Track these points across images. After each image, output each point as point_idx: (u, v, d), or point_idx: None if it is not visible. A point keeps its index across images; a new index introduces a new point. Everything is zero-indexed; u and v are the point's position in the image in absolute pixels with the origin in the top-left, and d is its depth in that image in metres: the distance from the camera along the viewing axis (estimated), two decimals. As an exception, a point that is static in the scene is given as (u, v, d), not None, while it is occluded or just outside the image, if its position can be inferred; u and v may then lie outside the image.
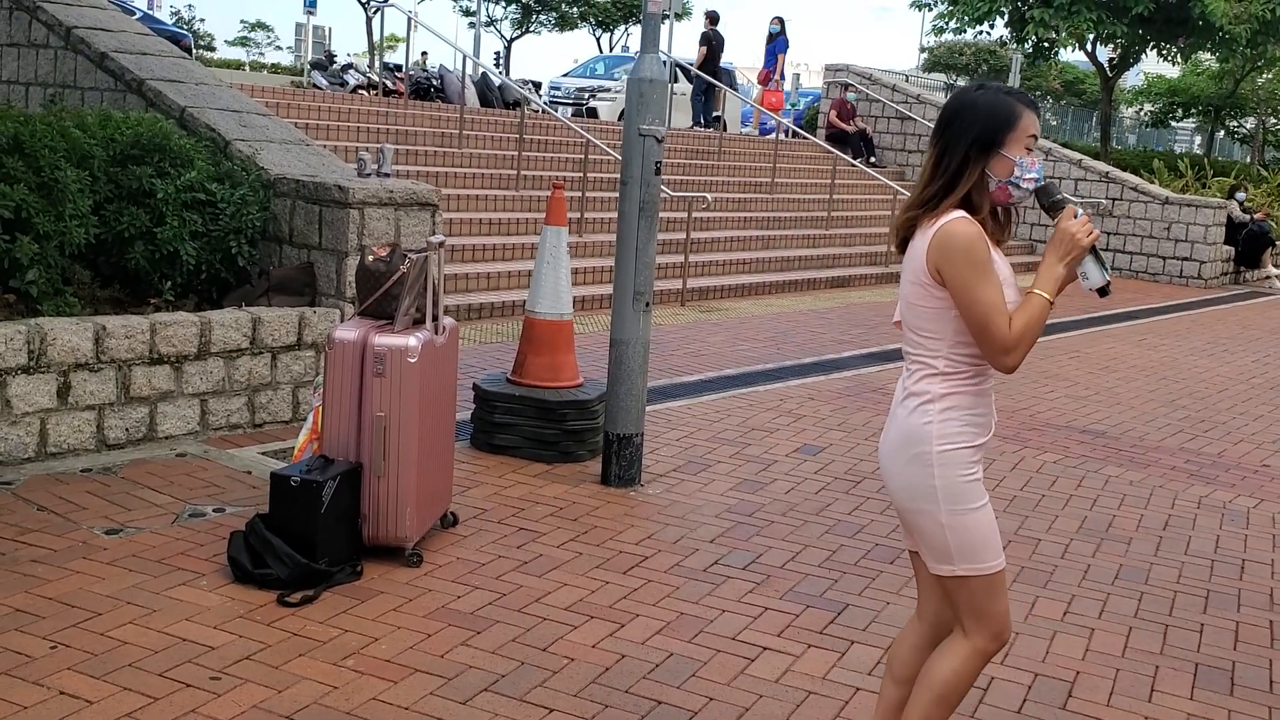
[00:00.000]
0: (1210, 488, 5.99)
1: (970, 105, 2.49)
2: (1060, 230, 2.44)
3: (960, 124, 2.48)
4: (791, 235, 13.37)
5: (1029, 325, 2.40)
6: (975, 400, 2.50)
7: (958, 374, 2.48)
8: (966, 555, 2.51)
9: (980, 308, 2.39)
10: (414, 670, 3.34)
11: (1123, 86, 31.44)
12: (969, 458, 2.50)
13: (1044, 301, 2.42)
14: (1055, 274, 2.44)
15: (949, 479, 2.48)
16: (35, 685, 3.08)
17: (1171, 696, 3.63)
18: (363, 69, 21.77)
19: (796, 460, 5.81)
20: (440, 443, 4.28)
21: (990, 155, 2.45)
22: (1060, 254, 2.44)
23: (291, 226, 5.94)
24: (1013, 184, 2.46)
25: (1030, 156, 2.48)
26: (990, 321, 2.39)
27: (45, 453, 4.77)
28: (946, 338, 2.47)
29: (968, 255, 2.40)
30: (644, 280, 5.05)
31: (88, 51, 7.10)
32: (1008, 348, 2.40)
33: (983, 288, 2.39)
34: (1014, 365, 2.43)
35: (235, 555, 3.83)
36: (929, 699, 2.60)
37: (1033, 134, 2.48)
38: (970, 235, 2.41)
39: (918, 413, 2.50)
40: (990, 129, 2.45)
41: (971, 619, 2.57)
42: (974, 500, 2.50)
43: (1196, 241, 16.00)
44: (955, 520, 2.50)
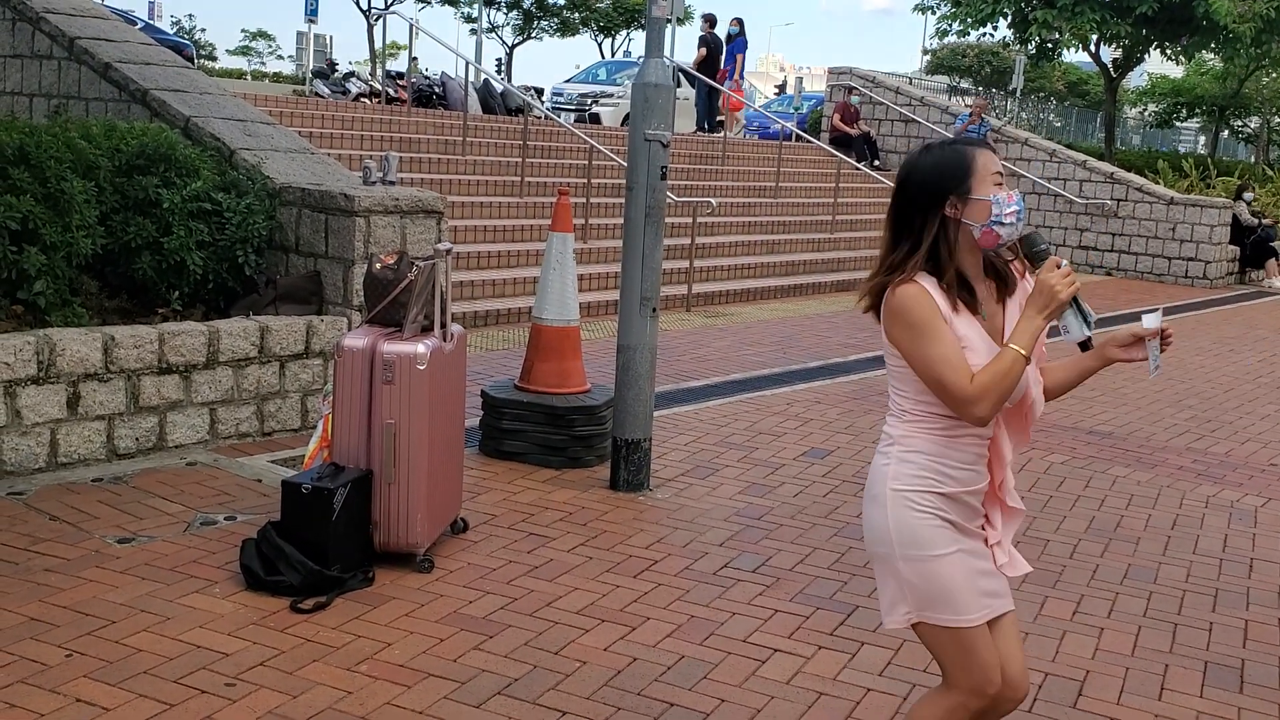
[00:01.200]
0: (1218, 487, 5.99)
1: (920, 166, 2.44)
2: (1040, 282, 2.36)
3: (915, 183, 2.43)
4: (796, 239, 13.39)
5: (995, 378, 2.32)
6: (943, 449, 2.43)
7: (921, 420, 2.44)
8: (928, 604, 2.43)
9: (930, 367, 2.34)
10: (427, 674, 3.36)
11: (1126, 87, 31.42)
12: (929, 503, 2.41)
13: (1016, 355, 2.33)
14: (1033, 327, 2.35)
15: (901, 521, 2.42)
16: (51, 693, 3.10)
17: (1182, 695, 3.64)
18: (365, 77, 21.82)
19: (804, 463, 5.82)
20: (450, 449, 4.30)
21: (962, 204, 2.38)
22: (1039, 305, 2.35)
23: (298, 235, 5.97)
24: (996, 223, 2.38)
25: (1005, 191, 2.40)
26: (943, 377, 2.33)
27: (56, 463, 4.80)
28: (911, 393, 2.45)
29: (906, 317, 2.36)
30: (650, 286, 5.07)
31: (91, 62, 7.13)
32: (969, 400, 2.32)
33: (928, 346, 2.34)
34: (982, 417, 2.34)
35: (247, 563, 3.85)
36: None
37: (996, 171, 2.41)
38: (909, 296, 2.36)
39: (881, 453, 2.50)
40: (952, 178, 2.39)
41: (948, 670, 2.49)
42: (933, 547, 2.41)
43: (1201, 242, 15.99)
44: (910, 566, 2.42)
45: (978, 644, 2.45)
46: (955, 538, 2.45)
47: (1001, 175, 2.44)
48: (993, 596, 2.49)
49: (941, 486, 2.44)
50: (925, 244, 2.40)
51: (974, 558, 2.48)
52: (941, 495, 2.44)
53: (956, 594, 2.43)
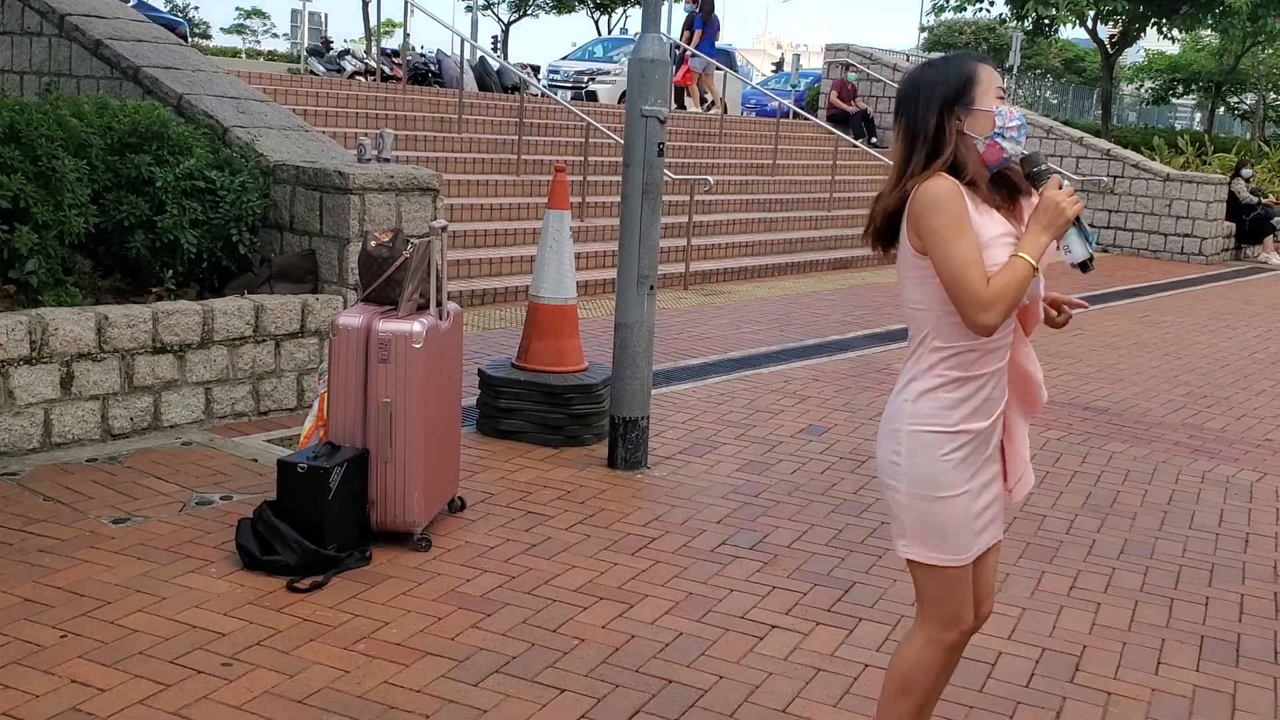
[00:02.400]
0: (1214, 462, 5.99)
1: (924, 78, 2.41)
2: (1045, 199, 2.35)
3: (921, 94, 2.39)
4: (794, 217, 13.35)
5: (1008, 285, 2.30)
6: (963, 384, 2.41)
7: (945, 352, 2.41)
8: (924, 541, 2.46)
9: (953, 262, 2.30)
10: (425, 653, 3.35)
11: (1123, 64, 31.34)
12: (944, 442, 2.41)
13: (1026, 264, 2.32)
14: (1039, 241, 2.34)
15: (916, 460, 2.43)
16: (46, 674, 3.09)
17: (1178, 669, 3.64)
18: (360, 55, 21.69)
19: (802, 441, 5.82)
20: (447, 428, 4.28)
21: (966, 115, 2.36)
22: (1044, 223, 2.34)
23: (292, 213, 5.93)
24: (999, 136, 2.36)
25: (1007, 106, 2.39)
26: (964, 275, 2.29)
27: (50, 443, 4.78)
28: (933, 307, 2.40)
29: (936, 207, 2.31)
30: (648, 263, 5.04)
31: (82, 39, 7.07)
32: (983, 304, 2.29)
33: (955, 243, 2.30)
34: (991, 325, 2.32)
35: (243, 542, 3.84)
36: (892, 690, 2.58)
37: (999, 85, 2.40)
38: (941, 189, 2.32)
39: (900, 390, 2.48)
40: (955, 89, 2.37)
41: (925, 604, 2.53)
42: (943, 488, 2.42)
43: (1197, 218, 15.96)
44: (916, 503, 2.44)
45: (961, 581, 2.50)
46: (967, 476, 2.45)
47: (1003, 91, 2.42)
48: (986, 530, 2.52)
49: (966, 424, 2.42)
50: (946, 151, 2.36)
51: (981, 493, 2.48)
52: (962, 433, 2.43)
53: (955, 535, 2.46)
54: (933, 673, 2.57)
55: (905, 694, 2.57)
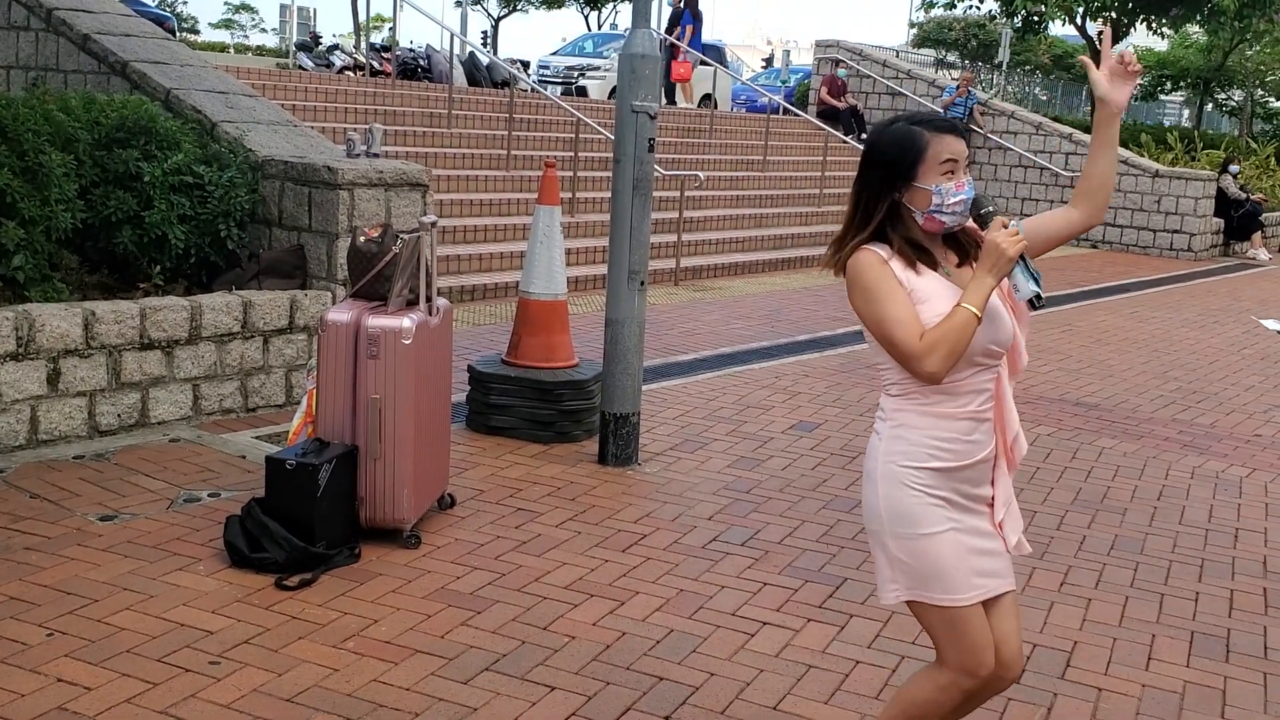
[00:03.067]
0: (1203, 458, 6.01)
1: (879, 143, 2.46)
2: (987, 242, 2.37)
3: (871, 163, 2.46)
4: (784, 213, 13.34)
5: (945, 334, 2.32)
6: (934, 422, 2.42)
7: (909, 395, 2.44)
8: (918, 582, 2.43)
9: (882, 326, 2.37)
10: (414, 651, 3.34)
11: (1112, 60, 31.34)
12: (917, 479, 2.40)
13: (968, 314, 2.33)
14: (984, 285, 2.36)
15: (891, 497, 2.42)
16: (32, 673, 3.06)
17: (1169, 664, 3.65)
18: (349, 50, 21.62)
19: (792, 437, 5.81)
20: (436, 424, 4.26)
21: (906, 190, 2.41)
22: (988, 265, 2.36)
23: (281, 209, 5.90)
24: (935, 211, 2.40)
25: (955, 180, 2.40)
26: (892, 335, 2.36)
27: (37, 440, 4.75)
28: (887, 361, 2.46)
29: (859, 281, 2.40)
30: (639, 259, 5.03)
31: (69, 34, 7.03)
32: (918, 355, 2.33)
33: (879, 307, 2.37)
34: (932, 372, 2.33)
35: (232, 539, 3.82)
36: (896, 714, 2.56)
37: (948, 158, 2.40)
38: (860, 262, 2.41)
39: (875, 430, 2.51)
40: (899, 163, 2.41)
41: (940, 649, 2.48)
42: (923, 525, 2.40)
43: (1186, 214, 16.01)
44: (900, 544, 2.42)
45: (970, 624, 2.43)
46: (949, 516, 2.43)
47: (955, 161, 2.41)
48: (989, 576, 2.46)
49: (934, 462, 2.42)
50: (874, 221, 2.44)
51: (972, 536, 2.46)
52: (934, 471, 2.42)
53: (948, 573, 2.41)
54: (943, 713, 2.53)
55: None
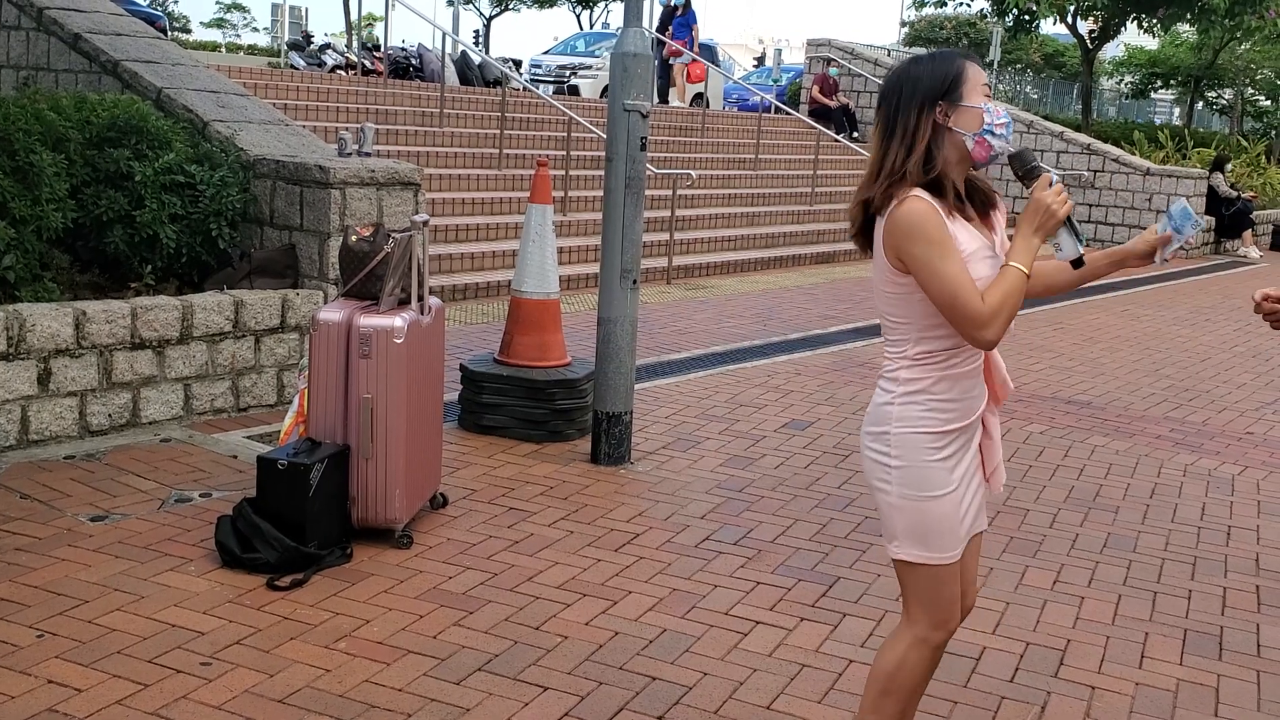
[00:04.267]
0: (1195, 455, 6.02)
1: (909, 73, 2.38)
2: (1035, 200, 2.34)
3: (904, 89, 2.36)
4: (776, 211, 13.34)
5: (1005, 298, 2.30)
6: (948, 384, 2.41)
7: (928, 358, 2.41)
8: (917, 541, 2.45)
9: (945, 285, 2.29)
10: (407, 652, 3.33)
11: (1103, 58, 31.44)
12: (932, 443, 2.41)
13: (1020, 274, 2.32)
14: (1030, 245, 2.33)
15: (907, 462, 2.42)
16: (23, 674, 3.05)
17: (1162, 662, 3.65)
18: (341, 49, 21.56)
19: (785, 435, 5.81)
20: (428, 424, 4.25)
21: (952, 110, 2.33)
22: (1035, 224, 2.33)
23: (272, 208, 5.88)
24: (988, 133, 2.34)
25: (994, 104, 2.37)
26: (958, 297, 2.28)
27: (27, 440, 4.73)
28: (915, 321, 2.40)
29: (918, 234, 2.30)
30: (631, 258, 5.02)
31: (60, 33, 7.00)
32: (982, 322, 2.29)
33: (943, 264, 2.29)
34: (993, 340, 2.32)
35: (223, 540, 3.80)
36: (876, 691, 2.56)
37: (984, 83, 2.38)
38: (921, 212, 2.30)
39: (884, 393, 2.47)
40: (940, 84, 2.34)
41: (914, 605, 2.51)
42: (934, 488, 2.42)
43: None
44: (908, 504, 2.43)
45: (950, 580, 2.49)
46: (956, 476, 2.45)
47: (989, 89, 2.40)
48: (972, 521, 2.52)
49: (952, 424, 2.43)
50: (920, 146, 2.33)
51: (968, 489, 2.49)
52: (951, 432, 2.43)
53: (946, 534, 2.46)
54: (919, 674, 2.55)
55: (889, 695, 2.55)
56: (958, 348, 2.41)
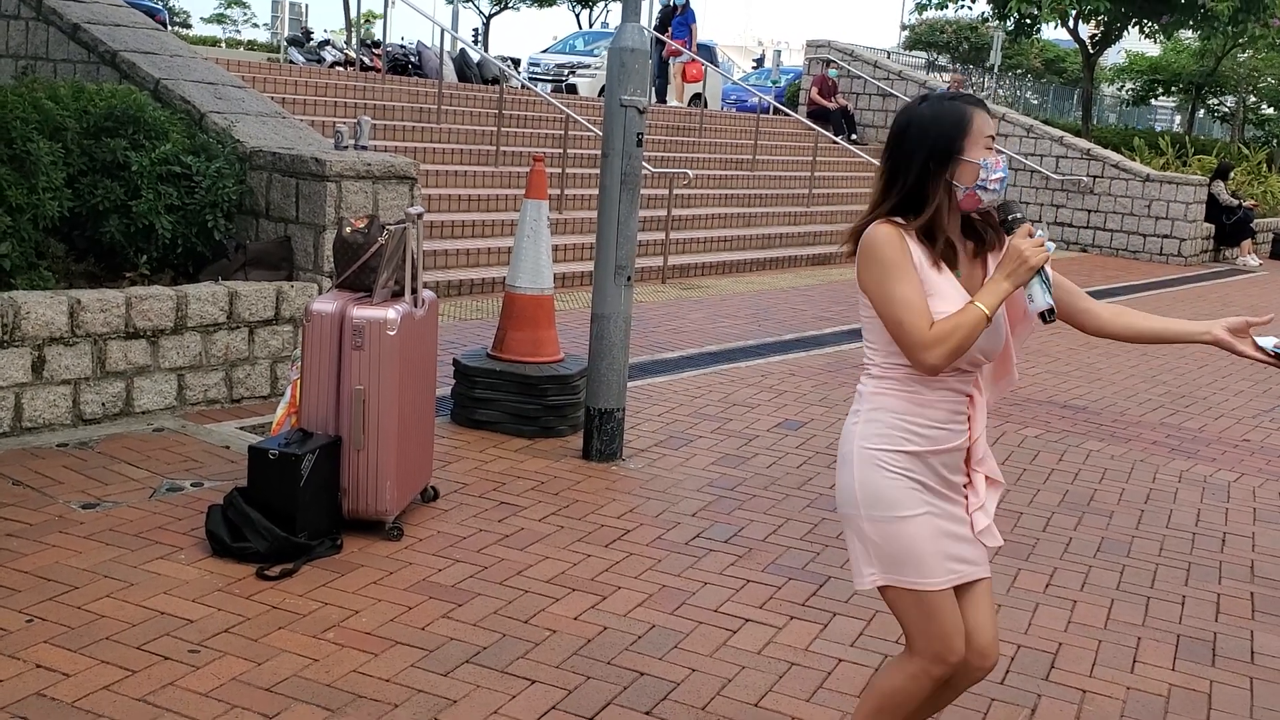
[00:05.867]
0: (1191, 462, 6.02)
1: (918, 117, 2.41)
2: (1011, 247, 2.36)
3: (912, 137, 2.40)
4: (773, 213, 13.34)
5: (955, 328, 2.32)
6: (913, 407, 2.42)
7: (891, 378, 2.44)
8: (894, 566, 2.42)
9: (891, 306, 2.34)
10: (395, 643, 3.32)
11: (1104, 64, 31.46)
12: (890, 460, 2.40)
13: (978, 313, 2.33)
14: (999, 289, 2.35)
15: (867, 481, 2.42)
16: (11, 659, 3.04)
17: (1154, 667, 3.64)
18: (340, 45, 21.55)
19: (778, 435, 5.80)
20: (420, 416, 4.24)
21: (950, 164, 2.37)
22: (1007, 270, 2.35)
23: (268, 200, 5.87)
24: (980, 188, 2.38)
25: (994, 157, 2.39)
26: (901, 317, 2.33)
27: (20, 428, 4.71)
28: (881, 347, 2.45)
29: (876, 254, 2.36)
30: (625, 254, 5.02)
31: (59, 23, 6.99)
32: (924, 344, 2.32)
33: (893, 286, 2.34)
34: (934, 365, 2.34)
35: (213, 529, 3.79)
36: (870, 708, 2.54)
37: (989, 134, 2.40)
38: (880, 235, 2.36)
39: (851, 413, 2.51)
40: (946, 136, 2.37)
41: (911, 636, 2.48)
42: (899, 508, 2.40)
43: (1177, 219, 16.05)
44: (876, 527, 2.41)
45: (941, 609, 2.43)
46: (925, 499, 2.43)
47: (993, 139, 2.42)
48: (962, 562, 2.47)
49: (909, 445, 2.42)
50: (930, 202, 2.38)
51: (946, 520, 2.46)
52: (910, 454, 2.42)
53: (922, 557, 2.41)
54: (913, 702, 2.52)
55: (881, 713, 2.54)
56: (921, 379, 2.42)
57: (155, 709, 2.87)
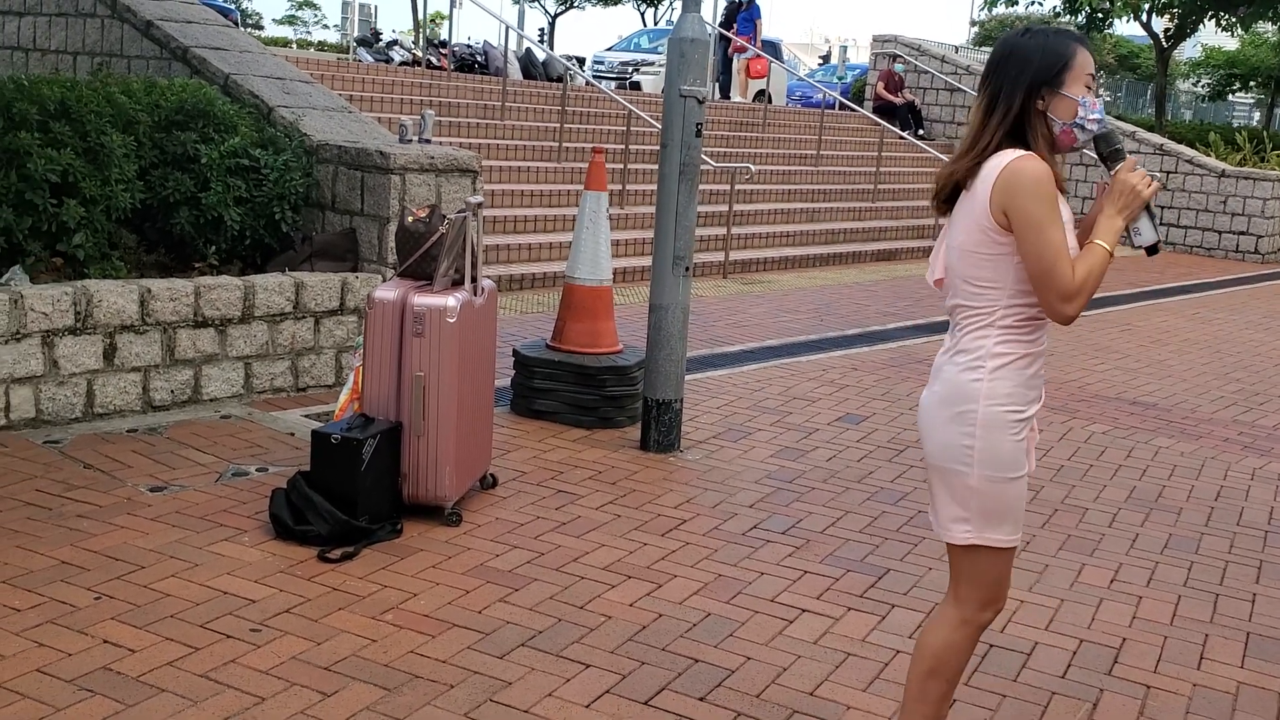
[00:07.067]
0: (1264, 460, 5.86)
1: (1021, 48, 2.37)
2: (1120, 181, 2.32)
3: (1013, 66, 2.34)
4: (837, 208, 13.24)
5: (1090, 274, 2.28)
6: (1030, 361, 2.38)
7: (1016, 330, 2.36)
8: (991, 524, 2.41)
9: (1048, 249, 2.26)
10: (452, 625, 3.35)
11: (1179, 60, 30.75)
12: (1015, 420, 2.37)
13: (1105, 252, 2.30)
14: (1114, 225, 2.31)
15: (991, 441, 2.37)
16: (80, 634, 3.12)
17: (1221, 664, 3.56)
18: (408, 45, 21.78)
19: (838, 429, 5.76)
20: (479, 404, 4.28)
21: (1051, 96, 2.33)
22: (1119, 206, 2.32)
23: (334, 192, 5.96)
24: (1078, 126, 2.33)
25: (1092, 97, 2.35)
26: (1056, 265, 2.26)
27: (92, 413, 4.83)
28: (1007, 286, 2.34)
29: (1038, 192, 2.26)
30: (684, 244, 5.01)
31: (133, 20, 7.15)
32: (1070, 295, 2.27)
33: (1049, 229, 2.27)
34: (1073, 315, 2.30)
35: (277, 512, 3.86)
36: (922, 671, 2.53)
37: (1090, 72, 2.35)
38: (1040, 171, 2.28)
39: (968, 369, 2.38)
40: (1047, 68, 2.32)
41: (966, 586, 2.48)
42: (1014, 469, 2.39)
43: (1254, 216, 15.64)
44: (989, 486, 2.39)
45: (1009, 562, 2.50)
46: (1026, 461, 2.44)
47: (1094, 78, 2.38)
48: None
49: (1030, 405, 2.41)
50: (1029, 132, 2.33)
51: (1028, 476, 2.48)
52: (1027, 414, 2.41)
53: (1017, 516, 2.45)
54: (964, 655, 2.54)
55: (935, 676, 2.53)
56: (1040, 319, 2.38)
57: (216, 685, 2.93)
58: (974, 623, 2.51)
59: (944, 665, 2.52)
